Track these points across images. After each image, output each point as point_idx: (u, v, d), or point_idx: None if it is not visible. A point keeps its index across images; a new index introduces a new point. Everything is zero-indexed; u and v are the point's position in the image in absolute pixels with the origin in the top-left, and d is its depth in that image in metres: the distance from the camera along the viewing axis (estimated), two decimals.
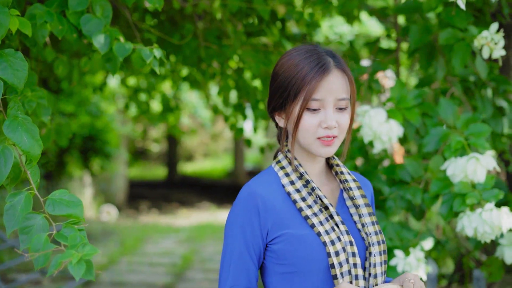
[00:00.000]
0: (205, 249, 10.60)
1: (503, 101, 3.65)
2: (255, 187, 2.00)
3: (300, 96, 1.96)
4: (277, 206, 1.99)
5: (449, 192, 2.85)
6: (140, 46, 2.36)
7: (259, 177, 2.06)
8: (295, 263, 1.95)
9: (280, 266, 1.98)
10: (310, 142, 2.00)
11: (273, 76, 2.05)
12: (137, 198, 17.61)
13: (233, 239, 1.98)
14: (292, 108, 1.98)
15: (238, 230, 1.98)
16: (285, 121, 2.04)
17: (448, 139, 2.96)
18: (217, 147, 28.79)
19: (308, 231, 1.96)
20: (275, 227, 1.97)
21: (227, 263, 1.99)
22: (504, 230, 2.68)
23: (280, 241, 1.97)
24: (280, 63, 2.04)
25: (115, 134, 13.08)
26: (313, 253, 1.94)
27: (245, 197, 1.98)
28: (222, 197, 18.12)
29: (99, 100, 10.87)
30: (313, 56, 1.99)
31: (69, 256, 1.50)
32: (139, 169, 26.10)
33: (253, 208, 1.97)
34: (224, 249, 2.02)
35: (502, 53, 3.07)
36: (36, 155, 1.75)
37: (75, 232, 1.61)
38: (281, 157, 2.08)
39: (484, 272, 3.49)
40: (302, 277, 1.96)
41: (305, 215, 1.98)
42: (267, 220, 1.97)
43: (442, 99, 3.13)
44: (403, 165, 3.09)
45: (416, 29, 3.27)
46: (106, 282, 8.20)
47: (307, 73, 1.96)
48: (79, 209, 1.71)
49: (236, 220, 1.99)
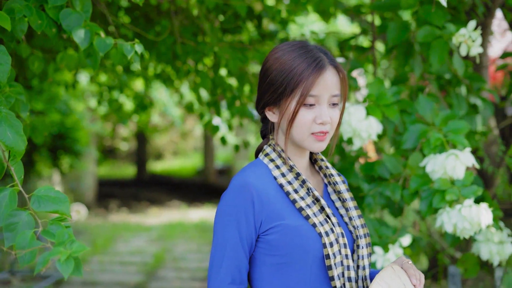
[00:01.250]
0: (177, 248, 10.56)
1: (477, 99, 3.68)
2: (248, 178, 1.99)
3: (297, 92, 1.97)
4: (271, 197, 1.98)
5: (428, 189, 2.87)
6: (121, 41, 2.34)
7: (249, 168, 2.05)
8: (289, 254, 1.96)
9: (272, 257, 1.98)
10: (304, 137, 2.01)
11: (265, 71, 2.04)
12: (106, 197, 17.47)
13: (227, 231, 1.97)
14: (288, 103, 1.99)
15: (232, 222, 1.96)
16: (279, 116, 2.03)
17: (427, 136, 2.97)
18: (187, 145, 28.69)
19: (303, 222, 1.98)
20: (269, 218, 1.97)
21: (219, 256, 1.97)
22: (483, 226, 2.71)
23: (275, 232, 1.96)
24: (272, 58, 2.03)
25: (84, 132, 12.95)
26: (309, 244, 1.96)
27: (239, 188, 1.97)
28: (193, 196, 18.06)
29: (68, 98, 10.75)
30: (308, 52, 2.00)
31: (57, 253, 1.47)
32: (108, 168, 25.90)
33: (248, 199, 1.96)
34: (216, 242, 1.99)
35: (480, 50, 3.10)
36: (20, 150, 1.71)
37: (62, 229, 1.58)
38: (269, 150, 2.08)
39: (460, 269, 3.51)
40: (295, 268, 1.97)
41: (299, 206, 1.99)
42: (262, 210, 1.96)
43: (421, 96, 3.15)
44: (382, 161, 3.10)
45: (394, 27, 3.28)
46: (77, 281, 8.12)
47: (305, 69, 1.97)
48: (65, 205, 1.68)
49: (230, 211, 1.97)
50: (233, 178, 2.03)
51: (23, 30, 2.24)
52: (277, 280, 1.98)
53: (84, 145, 12.62)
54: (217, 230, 1.99)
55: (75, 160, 12.56)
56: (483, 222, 2.70)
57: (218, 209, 2.01)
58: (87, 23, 2.31)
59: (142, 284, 8.08)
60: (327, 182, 2.16)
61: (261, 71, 2.07)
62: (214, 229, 2.01)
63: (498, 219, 3.30)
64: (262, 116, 2.13)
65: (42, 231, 1.62)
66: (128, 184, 21.37)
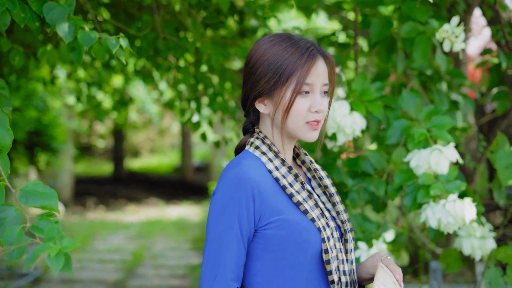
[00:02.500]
0: (156, 245, 10.52)
1: (457, 95, 3.70)
2: (247, 170, 1.94)
3: (292, 80, 1.95)
4: (269, 191, 1.95)
5: (412, 184, 2.87)
6: (105, 36, 2.31)
7: (243, 160, 1.99)
8: (287, 249, 1.93)
9: (268, 252, 1.94)
10: (299, 127, 2.00)
11: (254, 63, 2.01)
12: (83, 194, 17.35)
13: (227, 226, 1.90)
14: (283, 92, 1.96)
15: (233, 216, 1.90)
16: (273, 106, 2.00)
17: (411, 132, 2.98)
18: (164, 142, 28.59)
19: (301, 216, 1.95)
20: (268, 212, 1.92)
21: (219, 252, 1.89)
22: (466, 220, 2.71)
23: (274, 227, 1.92)
24: (261, 49, 2.01)
25: (61, 129, 12.85)
26: (310, 239, 1.94)
27: (239, 181, 1.91)
28: (171, 193, 18.00)
29: (45, 95, 10.66)
30: (298, 42, 1.99)
31: (47, 249, 1.44)
32: (84, 165, 25.73)
33: (249, 193, 1.90)
34: (215, 236, 1.91)
35: (463, 46, 3.12)
36: (7, 145, 1.69)
37: (51, 225, 1.55)
38: (258, 142, 2.03)
39: (442, 264, 3.53)
40: (292, 263, 1.94)
41: (296, 201, 1.96)
42: (262, 205, 1.92)
43: (404, 91, 3.15)
44: (366, 157, 3.10)
45: (377, 23, 3.28)
46: (56, 279, 8.06)
47: (299, 57, 1.96)
48: (53, 200, 1.65)
49: (230, 205, 1.90)
50: (228, 170, 1.97)
51: (6, 24, 2.21)
52: (272, 275, 1.95)
53: (61, 142, 12.53)
54: (216, 224, 1.92)
55: (52, 158, 12.46)
56: (467, 217, 2.71)
57: (215, 203, 1.94)
58: (71, 16, 2.28)
59: (121, 281, 8.04)
60: (311, 176, 2.15)
61: (248, 63, 2.04)
62: (211, 224, 1.94)
63: (480, 214, 3.32)
64: (249, 110, 2.09)
65: (30, 227, 1.60)
66: (105, 182, 21.26)
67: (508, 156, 3.26)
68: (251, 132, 2.11)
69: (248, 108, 2.08)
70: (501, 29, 4.14)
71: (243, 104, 2.10)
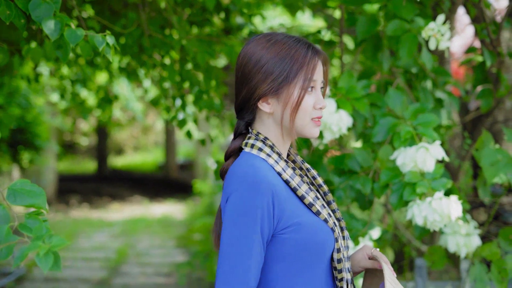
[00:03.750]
0: (140, 243, 10.50)
1: (442, 93, 3.72)
2: (264, 174, 1.89)
3: (299, 77, 1.95)
4: (284, 194, 1.91)
5: (399, 182, 2.88)
6: (92, 33, 2.29)
7: (254, 162, 1.92)
8: (305, 251, 1.91)
9: (287, 256, 1.91)
10: (305, 123, 1.99)
11: (256, 62, 1.96)
12: (67, 192, 17.28)
13: (249, 229, 1.84)
14: (292, 89, 1.95)
15: (255, 220, 1.84)
16: (280, 105, 1.97)
17: (397, 129, 2.98)
18: (148, 140, 28.51)
19: (315, 218, 1.95)
20: (286, 216, 1.89)
21: (242, 259, 1.82)
22: (452, 218, 2.73)
23: (292, 230, 1.89)
24: (261, 48, 1.97)
25: (45, 127, 12.78)
26: (326, 239, 1.95)
27: (257, 185, 1.85)
28: (154, 191, 17.98)
29: (28, 92, 10.59)
30: (298, 40, 1.99)
31: (36, 247, 1.43)
32: (68, 163, 25.62)
33: (269, 197, 1.86)
34: (233, 241, 1.84)
35: (448, 44, 3.13)
36: None
37: (40, 223, 1.54)
38: (260, 144, 1.98)
39: (427, 261, 3.55)
40: (309, 264, 1.93)
41: (308, 202, 1.95)
42: (280, 209, 1.88)
43: (390, 89, 3.16)
44: (352, 155, 3.11)
45: (363, 20, 3.29)
46: (40, 278, 8.03)
47: (304, 54, 1.96)
48: (41, 199, 1.63)
49: (251, 209, 1.84)
50: (242, 173, 1.90)
51: None
52: (290, 278, 1.92)
53: (44, 140, 12.45)
54: (236, 228, 1.85)
55: (35, 155, 12.39)
56: (453, 214, 2.72)
57: (234, 206, 1.87)
58: (57, 13, 2.26)
59: (106, 279, 8.02)
60: (303, 175, 2.11)
61: (247, 63, 1.98)
62: (230, 228, 1.86)
63: (465, 212, 3.34)
64: (246, 111, 2.03)
65: (19, 225, 1.58)
66: (89, 180, 21.19)
67: (493, 154, 3.28)
68: (244, 133, 2.06)
69: (247, 109, 2.02)
70: (486, 27, 4.16)
71: (240, 105, 2.03)
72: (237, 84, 2.02)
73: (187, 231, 11.28)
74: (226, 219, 1.87)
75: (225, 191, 1.92)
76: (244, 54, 2.00)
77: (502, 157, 3.26)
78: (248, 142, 2.00)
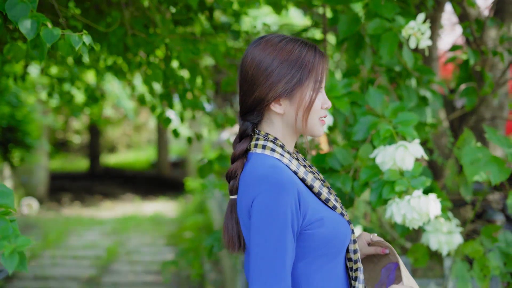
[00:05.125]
0: (130, 241, 10.50)
1: (427, 91, 3.73)
2: (287, 173, 1.94)
3: (311, 79, 2.01)
4: (305, 192, 1.98)
5: (378, 180, 2.89)
6: (69, 32, 2.29)
7: (273, 163, 1.97)
8: (328, 244, 1.99)
9: (311, 251, 1.98)
10: (315, 123, 2.07)
11: (268, 65, 2.00)
12: (59, 190, 17.28)
13: (281, 229, 1.89)
14: (304, 91, 2.01)
15: (286, 219, 1.89)
16: (294, 105, 2.02)
17: (377, 128, 3.00)
18: (140, 138, 28.49)
19: (333, 212, 2.04)
20: (310, 213, 1.96)
21: (276, 256, 1.87)
22: (431, 216, 2.74)
23: (315, 226, 1.96)
24: (270, 51, 2.01)
25: (36, 125, 12.76)
26: (345, 232, 2.05)
27: (283, 185, 1.90)
28: (146, 189, 17.98)
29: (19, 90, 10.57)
30: (304, 42, 2.05)
31: (1, 247, 1.44)
32: (60, 161, 25.59)
33: (295, 195, 1.91)
34: (268, 241, 1.88)
35: (429, 43, 3.14)
36: None
37: (6, 223, 1.54)
38: (271, 145, 2.02)
39: (410, 258, 3.56)
40: (331, 257, 2.02)
41: (324, 198, 2.03)
42: (304, 206, 1.94)
43: (371, 88, 3.17)
44: (333, 153, 3.12)
45: (345, 19, 3.29)
46: (29, 276, 8.02)
47: (313, 55, 2.03)
48: (10, 199, 1.63)
49: (281, 209, 1.89)
50: (263, 175, 1.93)
51: None
52: (314, 272, 1.99)
53: (35, 138, 12.45)
54: (268, 229, 1.89)
55: (26, 154, 12.38)
56: (431, 212, 2.73)
57: (262, 208, 1.90)
58: (33, 13, 2.26)
59: (95, 278, 8.02)
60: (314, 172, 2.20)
61: (258, 66, 2.01)
62: (262, 230, 1.90)
63: (446, 210, 3.36)
64: (254, 113, 2.06)
65: None
66: (81, 178, 21.19)
67: (474, 152, 3.30)
68: (250, 135, 2.08)
69: (258, 111, 2.05)
70: (469, 26, 4.18)
71: (250, 107, 2.06)
72: (246, 86, 2.05)
73: (178, 229, 11.29)
74: (257, 220, 1.91)
75: (248, 194, 1.95)
76: (252, 57, 2.03)
77: (483, 155, 3.27)
78: (258, 144, 2.04)
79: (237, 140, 2.10)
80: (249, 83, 2.03)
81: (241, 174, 2.01)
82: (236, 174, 2.04)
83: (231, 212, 2.07)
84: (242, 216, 1.99)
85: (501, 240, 3.48)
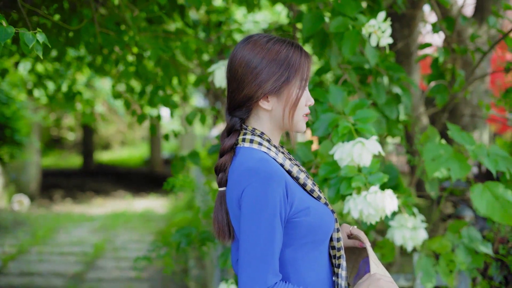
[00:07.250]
0: (118, 238, 10.53)
1: (399, 89, 3.76)
2: (275, 165, 2.04)
3: (297, 77, 2.10)
4: (292, 183, 2.08)
5: (336, 176, 2.93)
6: (23, 30, 2.33)
7: (262, 156, 2.06)
8: (313, 233, 2.09)
9: (297, 240, 2.07)
10: (299, 119, 2.17)
11: (258, 63, 2.09)
12: (51, 187, 17.30)
13: (270, 216, 1.98)
14: (291, 88, 2.11)
15: (274, 209, 1.98)
16: (281, 102, 2.12)
17: (337, 124, 3.03)
18: (134, 135, 28.51)
19: (318, 202, 2.14)
20: (296, 203, 2.04)
21: (265, 245, 1.97)
22: (388, 212, 2.77)
23: (302, 215, 2.05)
24: (259, 50, 2.10)
25: (25, 121, 12.78)
26: (330, 221, 2.14)
27: (271, 176, 1.99)
28: (138, 186, 18.01)
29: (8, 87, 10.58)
30: (290, 42, 2.15)
31: None
32: (54, 158, 25.60)
33: (283, 186, 2.01)
34: (258, 229, 1.97)
35: (389, 41, 3.17)
36: None
37: None
38: (258, 139, 2.12)
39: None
40: (317, 246, 2.12)
41: (310, 189, 2.13)
42: (292, 196, 2.04)
43: (332, 85, 3.21)
44: (293, 150, 3.15)
45: (308, 17, 3.32)
46: (14, 272, 8.05)
47: (300, 54, 2.12)
48: None
49: (269, 199, 1.98)
50: (252, 167, 2.01)
51: None
52: (300, 260, 2.09)
53: (24, 135, 12.46)
54: (258, 219, 1.98)
55: (16, 150, 12.39)
56: (387, 208, 2.76)
57: (252, 199, 1.99)
58: None
59: (80, 274, 8.05)
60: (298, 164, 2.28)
61: (247, 64, 2.10)
62: (252, 219, 1.99)
63: (411, 205, 3.39)
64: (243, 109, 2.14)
65: None
66: (74, 175, 21.19)
67: (435, 149, 3.34)
68: (237, 130, 2.16)
69: (246, 107, 2.14)
70: (439, 24, 4.22)
71: (239, 103, 2.14)
72: (236, 84, 2.13)
73: (166, 225, 11.31)
74: (247, 209, 1.99)
75: (238, 186, 2.03)
76: (242, 56, 2.11)
77: (444, 152, 3.31)
78: (246, 138, 2.14)
79: (225, 134, 2.19)
80: (238, 81, 2.12)
81: (230, 167, 2.11)
82: (225, 167, 2.13)
83: (221, 203, 2.16)
84: (231, 207, 2.08)
85: (464, 236, 3.52)
